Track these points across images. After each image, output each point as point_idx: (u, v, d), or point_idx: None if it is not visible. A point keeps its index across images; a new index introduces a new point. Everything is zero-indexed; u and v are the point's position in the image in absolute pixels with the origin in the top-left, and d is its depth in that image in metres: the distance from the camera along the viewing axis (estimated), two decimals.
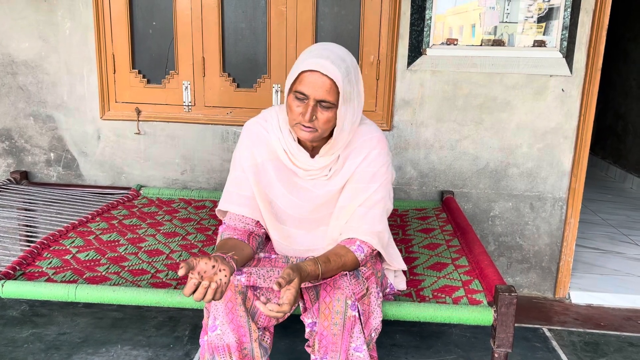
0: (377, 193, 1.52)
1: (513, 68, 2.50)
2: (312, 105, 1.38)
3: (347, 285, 1.39)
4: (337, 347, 1.39)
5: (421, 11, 2.48)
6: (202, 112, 2.69)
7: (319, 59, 1.36)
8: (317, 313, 1.42)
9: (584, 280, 2.83)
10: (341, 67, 1.37)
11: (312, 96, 1.37)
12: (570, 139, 2.55)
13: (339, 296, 1.38)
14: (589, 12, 2.41)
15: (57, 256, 1.88)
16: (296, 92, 1.39)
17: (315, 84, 1.36)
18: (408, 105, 2.58)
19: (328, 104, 1.39)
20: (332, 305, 1.38)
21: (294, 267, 1.29)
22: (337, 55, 1.39)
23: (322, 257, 1.40)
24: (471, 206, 2.68)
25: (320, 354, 1.42)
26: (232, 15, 2.62)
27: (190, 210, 2.48)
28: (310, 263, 1.36)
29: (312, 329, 1.44)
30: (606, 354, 2.22)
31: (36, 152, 2.79)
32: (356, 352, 1.40)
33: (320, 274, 1.36)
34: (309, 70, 1.36)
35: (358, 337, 1.39)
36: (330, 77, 1.35)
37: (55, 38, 2.64)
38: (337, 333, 1.38)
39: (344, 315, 1.38)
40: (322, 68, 1.35)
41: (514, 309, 1.48)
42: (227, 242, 1.48)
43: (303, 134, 1.44)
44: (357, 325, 1.39)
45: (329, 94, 1.37)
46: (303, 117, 1.39)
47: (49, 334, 2.22)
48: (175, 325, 2.30)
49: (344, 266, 1.43)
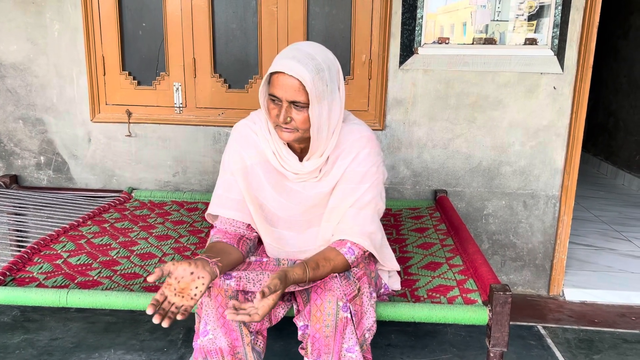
0: (368, 193, 1.51)
1: (505, 66, 2.50)
2: (286, 106, 1.38)
3: (337, 287, 1.39)
4: (329, 348, 1.38)
5: (412, 10, 2.48)
6: (194, 113, 2.67)
7: (285, 60, 1.36)
8: (309, 315, 1.41)
9: (578, 277, 2.83)
10: (309, 65, 1.35)
11: (283, 98, 1.37)
12: (562, 137, 2.56)
13: (330, 298, 1.37)
14: (579, 10, 2.41)
15: (48, 261, 1.86)
16: (270, 95, 1.40)
17: (284, 86, 1.36)
18: (400, 104, 2.58)
19: (301, 104, 1.38)
20: (324, 307, 1.38)
21: (281, 275, 1.29)
22: (305, 54, 1.37)
23: (312, 262, 1.40)
24: (464, 205, 2.67)
25: (314, 357, 1.41)
26: (222, 15, 2.60)
27: (182, 212, 2.46)
28: (299, 270, 1.35)
29: (305, 331, 1.43)
30: (600, 351, 2.22)
31: (26, 156, 2.76)
32: (348, 352, 1.39)
33: (307, 280, 1.37)
34: (277, 72, 1.37)
35: (350, 338, 1.38)
36: (296, 77, 1.34)
37: (43, 40, 2.62)
38: (329, 335, 1.38)
39: (336, 317, 1.37)
40: (287, 69, 1.34)
41: (508, 308, 1.47)
42: (215, 245, 1.47)
43: (284, 135, 1.44)
44: (349, 326, 1.38)
45: (299, 94, 1.36)
46: (278, 118, 1.40)
47: (41, 340, 2.19)
48: (168, 329, 2.29)
49: (333, 270, 1.42)
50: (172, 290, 1.26)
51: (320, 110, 1.40)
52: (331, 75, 1.41)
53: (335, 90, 1.43)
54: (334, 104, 1.44)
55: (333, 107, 1.44)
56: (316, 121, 1.40)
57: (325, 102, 1.40)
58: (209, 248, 1.46)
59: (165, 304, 1.25)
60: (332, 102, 1.42)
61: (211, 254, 1.38)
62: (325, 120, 1.43)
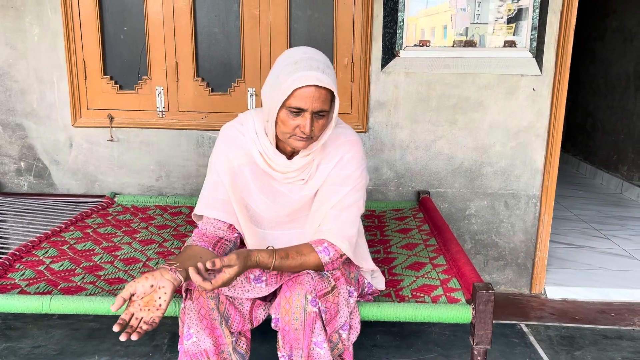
0: (349, 197, 1.52)
1: (485, 68, 2.54)
2: (310, 117, 1.38)
3: (308, 281, 1.40)
4: (299, 342, 1.39)
5: (393, 13, 2.50)
6: (177, 117, 2.66)
7: (310, 72, 1.35)
8: (279, 308, 1.42)
9: (559, 275, 2.88)
10: (331, 75, 1.39)
11: (309, 109, 1.37)
12: (542, 137, 2.60)
13: (299, 291, 1.39)
14: (556, 13, 2.46)
15: (30, 267, 1.84)
16: (290, 108, 1.38)
17: (312, 98, 1.36)
18: (383, 107, 2.60)
19: (325, 112, 1.40)
20: (292, 299, 1.39)
21: (241, 254, 1.31)
22: (323, 63, 1.40)
23: (281, 251, 1.41)
24: (447, 205, 2.70)
25: (286, 351, 1.42)
26: (204, 19, 2.60)
27: (166, 217, 2.45)
28: (265, 254, 1.38)
29: (277, 324, 1.45)
30: (582, 347, 2.26)
31: (6, 162, 2.73)
32: (317, 347, 1.39)
33: (272, 266, 1.38)
34: (305, 86, 1.35)
35: (319, 334, 1.39)
36: (328, 87, 1.36)
37: (23, 45, 2.59)
38: (298, 328, 1.38)
39: (304, 310, 1.38)
40: (317, 81, 1.35)
41: (491, 306, 1.50)
42: (186, 250, 1.47)
43: (299, 143, 1.44)
44: (318, 321, 1.39)
45: (325, 104, 1.39)
46: (302, 129, 1.39)
47: (24, 347, 2.16)
48: (153, 334, 2.27)
49: (302, 265, 1.43)
50: (137, 307, 1.28)
51: (333, 113, 1.44)
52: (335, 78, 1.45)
53: None
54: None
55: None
56: (329, 124, 1.45)
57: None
58: (180, 254, 1.47)
59: (132, 321, 1.27)
60: None
61: (178, 260, 1.39)
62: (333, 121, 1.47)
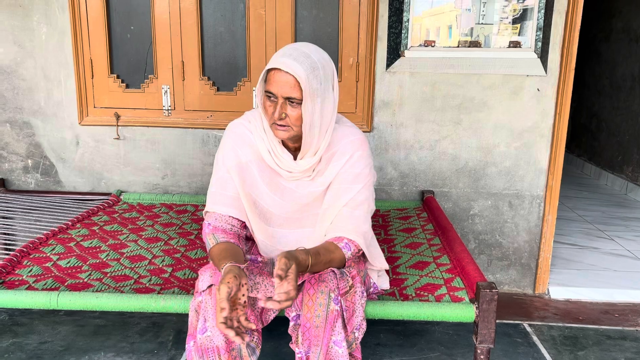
0: (361, 194, 1.55)
1: (489, 69, 2.54)
2: (281, 102, 1.42)
3: (331, 279, 1.41)
4: (319, 340, 1.40)
5: (399, 13, 2.51)
6: (182, 116, 2.68)
7: (281, 57, 1.41)
8: (301, 305, 1.43)
9: (563, 275, 2.88)
10: (304, 63, 1.40)
11: (278, 94, 1.42)
12: (546, 138, 2.61)
13: (322, 289, 1.40)
14: (561, 13, 2.46)
15: (37, 264, 1.86)
16: (266, 92, 1.45)
17: (279, 82, 1.40)
18: (387, 106, 2.61)
19: (296, 101, 1.42)
20: (316, 297, 1.40)
21: (288, 254, 1.30)
22: (301, 52, 1.42)
23: (313, 249, 1.42)
24: (451, 205, 2.71)
25: (304, 347, 1.43)
26: (210, 19, 2.62)
27: (171, 215, 2.47)
28: (302, 252, 1.37)
29: (296, 322, 1.46)
30: (585, 347, 2.26)
31: (13, 159, 2.75)
32: (335, 346, 1.40)
33: (309, 265, 1.38)
34: (273, 69, 1.41)
35: (339, 332, 1.40)
36: (292, 73, 1.39)
37: (31, 43, 2.61)
38: (319, 325, 1.40)
39: (327, 308, 1.39)
40: (283, 66, 1.39)
41: (495, 305, 1.51)
42: (229, 247, 1.45)
43: (279, 132, 1.47)
44: (339, 320, 1.40)
45: (294, 91, 1.40)
46: (274, 115, 1.43)
47: (30, 343, 2.18)
48: (158, 331, 2.29)
49: (331, 262, 1.45)
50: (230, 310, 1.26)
51: (313, 107, 1.43)
52: (326, 75, 1.45)
53: (329, 90, 1.47)
54: (327, 102, 1.47)
55: (326, 105, 1.47)
56: (308, 118, 1.44)
57: (319, 99, 1.44)
58: (225, 250, 1.44)
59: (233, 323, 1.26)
60: (325, 100, 1.46)
61: (228, 258, 1.37)
62: (318, 117, 1.46)
